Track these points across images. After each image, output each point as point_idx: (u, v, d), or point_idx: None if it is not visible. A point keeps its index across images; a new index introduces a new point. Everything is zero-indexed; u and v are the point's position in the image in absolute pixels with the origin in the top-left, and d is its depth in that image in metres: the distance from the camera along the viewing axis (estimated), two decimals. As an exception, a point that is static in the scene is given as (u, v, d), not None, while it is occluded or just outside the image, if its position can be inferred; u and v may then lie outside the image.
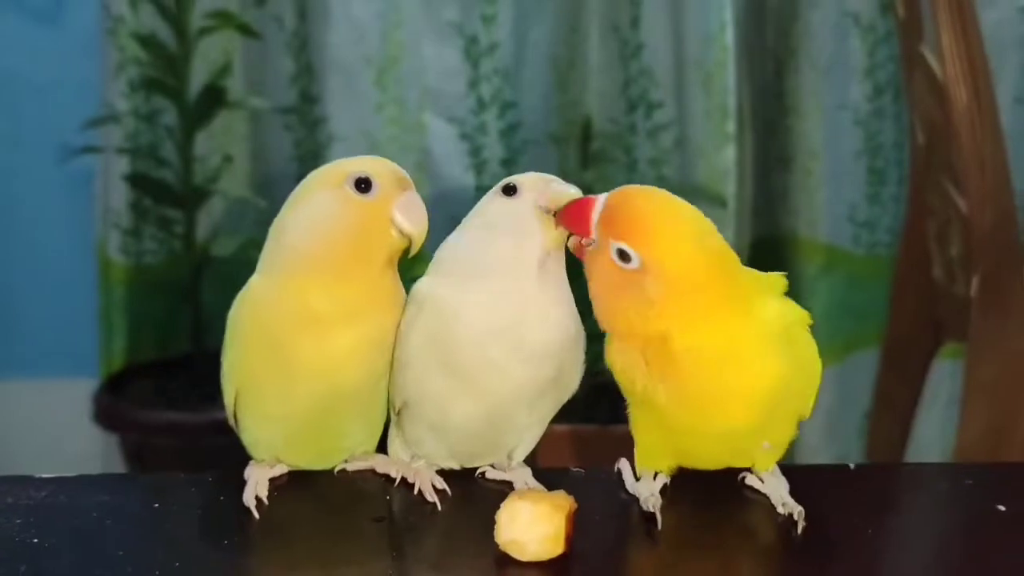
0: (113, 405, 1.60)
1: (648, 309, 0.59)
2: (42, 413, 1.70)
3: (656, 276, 0.59)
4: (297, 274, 0.63)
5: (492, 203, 0.64)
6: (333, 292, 0.63)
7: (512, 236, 0.63)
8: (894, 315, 1.58)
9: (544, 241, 0.63)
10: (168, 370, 1.66)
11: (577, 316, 0.65)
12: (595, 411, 1.51)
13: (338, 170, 0.64)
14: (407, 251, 0.65)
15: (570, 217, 0.62)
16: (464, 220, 0.66)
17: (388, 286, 0.65)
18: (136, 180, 1.64)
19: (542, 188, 0.63)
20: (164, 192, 1.64)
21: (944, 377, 1.65)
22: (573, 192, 0.63)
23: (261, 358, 0.64)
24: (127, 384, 1.65)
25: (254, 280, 0.65)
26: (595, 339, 0.66)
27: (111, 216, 1.68)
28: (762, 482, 0.66)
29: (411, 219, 0.63)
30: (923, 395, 1.57)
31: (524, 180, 0.64)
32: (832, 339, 1.83)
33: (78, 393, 1.64)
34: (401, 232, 0.63)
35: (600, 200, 0.61)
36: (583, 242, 0.62)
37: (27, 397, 1.75)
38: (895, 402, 1.57)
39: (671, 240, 0.60)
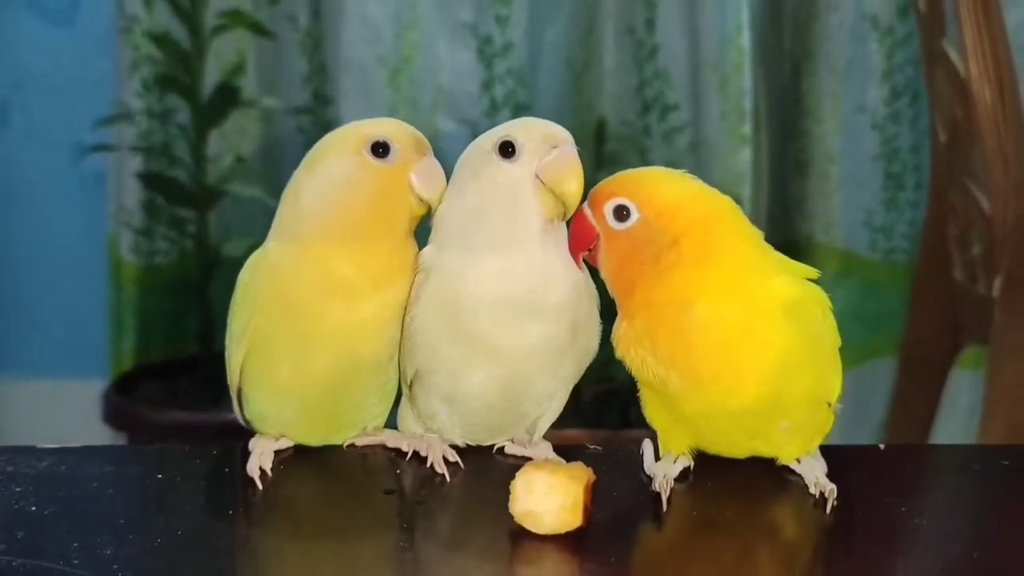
0: (123, 405, 1.59)
1: (657, 264, 0.58)
2: (52, 413, 1.68)
3: (657, 218, 0.59)
4: (318, 240, 0.61)
5: (490, 166, 0.61)
6: (358, 259, 0.61)
7: (513, 208, 0.61)
8: (913, 319, 1.56)
9: (544, 211, 0.61)
10: (178, 370, 1.65)
11: (587, 274, 0.64)
12: (605, 416, 1.51)
13: (355, 134, 0.62)
14: (425, 216, 0.63)
15: (575, 240, 0.62)
16: (458, 174, 0.63)
17: (409, 252, 0.63)
18: (149, 179, 1.64)
19: (542, 155, 0.60)
20: (176, 191, 1.63)
21: (964, 388, 1.62)
22: (570, 155, 0.60)
23: (278, 325, 0.62)
24: (137, 384, 1.64)
25: (270, 246, 0.64)
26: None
27: (123, 215, 1.67)
28: (798, 462, 0.63)
29: (429, 185, 0.62)
30: (941, 405, 1.54)
31: (523, 142, 0.60)
32: (847, 347, 1.80)
33: (88, 393, 1.63)
34: (420, 198, 0.62)
35: (585, 203, 0.61)
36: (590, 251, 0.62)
37: (37, 396, 1.74)
38: (913, 412, 1.54)
39: (662, 183, 0.61)
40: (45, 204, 1.74)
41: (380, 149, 0.61)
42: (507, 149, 0.60)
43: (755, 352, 0.58)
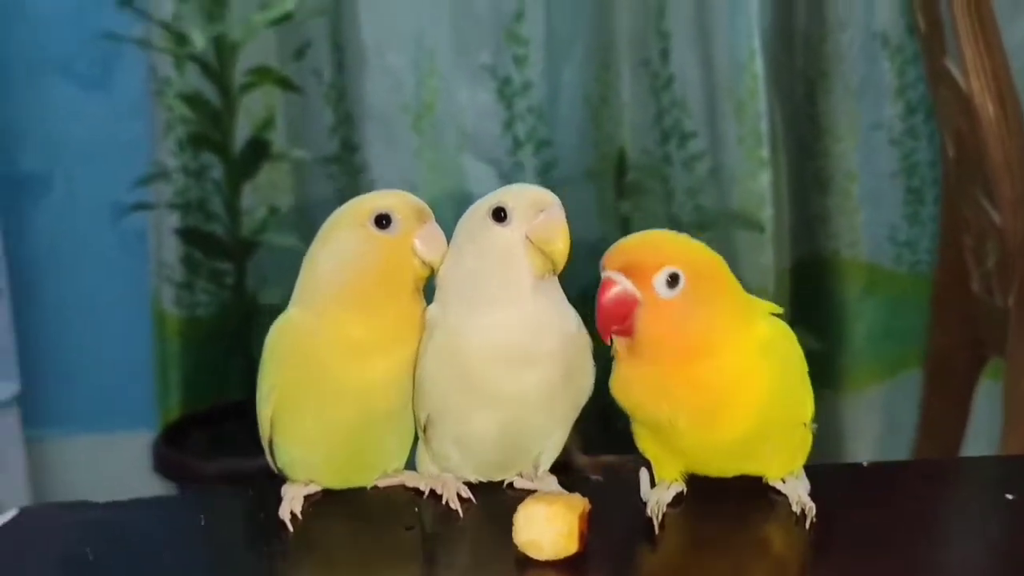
0: (172, 455, 1.64)
1: (694, 327, 0.62)
2: (103, 467, 1.74)
3: (699, 281, 0.62)
4: (332, 305, 0.67)
5: (484, 230, 0.66)
6: (368, 322, 0.67)
7: (506, 267, 0.65)
8: (935, 332, 1.57)
9: (534, 270, 0.65)
10: (224, 417, 1.70)
11: (578, 320, 0.68)
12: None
13: (360, 208, 0.68)
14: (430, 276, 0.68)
15: (612, 314, 0.63)
16: (457, 238, 0.68)
17: (417, 312, 0.68)
18: (187, 234, 1.71)
19: (530, 218, 0.65)
20: (214, 245, 1.70)
21: (992, 400, 1.63)
22: (557, 217, 0.64)
23: (301, 383, 0.68)
24: (185, 434, 1.70)
25: (291, 311, 0.69)
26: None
27: (164, 270, 1.74)
28: (783, 482, 0.67)
29: (431, 249, 0.67)
30: (971, 417, 1.55)
31: (513, 207, 0.65)
32: (878, 361, 1.82)
33: (137, 445, 1.69)
34: (423, 261, 0.67)
35: (618, 278, 0.62)
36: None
37: (88, 451, 1.80)
38: (942, 425, 1.55)
39: (692, 247, 0.65)
40: (89, 264, 1.81)
41: (383, 221, 0.66)
42: (499, 214, 0.65)
43: (748, 391, 0.63)
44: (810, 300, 1.84)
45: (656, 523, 0.64)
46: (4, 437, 1.71)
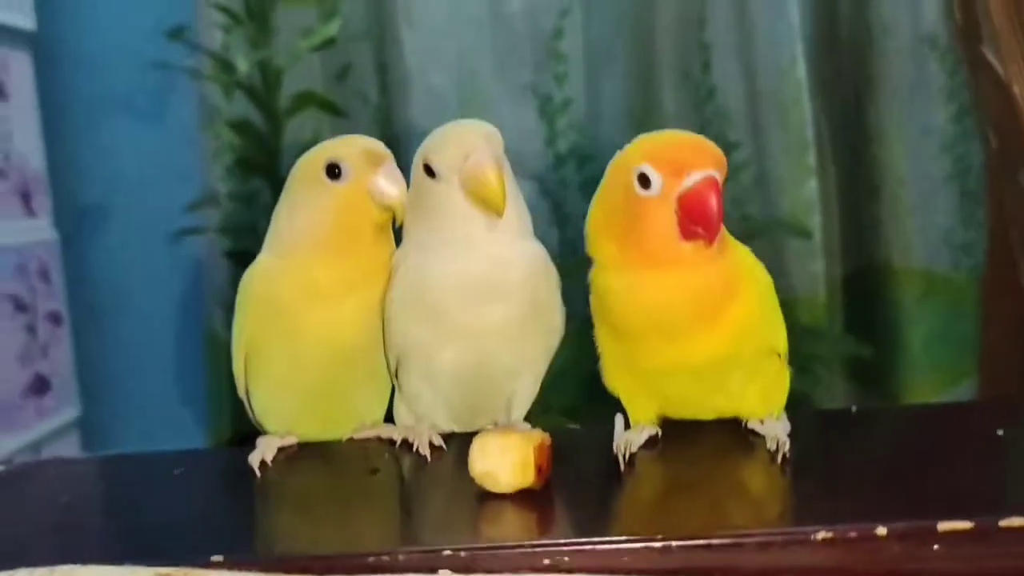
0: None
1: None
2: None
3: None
4: (297, 253, 0.68)
5: (421, 186, 0.66)
6: (331, 267, 0.67)
7: (456, 219, 0.65)
8: (988, 332, 1.51)
9: (484, 218, 0.65)
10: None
11: (545, 255, 0.68)
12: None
13: (312, 160, 0.69)
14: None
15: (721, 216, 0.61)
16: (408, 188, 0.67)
17: (383, 255, 0.69)
18: (237, 257, 1.74)
19: (459, 168, 0.64)
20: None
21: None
22: (487, 166, 0.63)
23: (269, 325, 0.68)
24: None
25: (261, 258, 0.70)
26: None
27: (216, 294, 1.77)
28: (762, 423, 0.66)
29: (386, 193, 0.67)
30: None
31: (437, 160, 0.64)
32: (936, 370, 1.76)
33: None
34: (382, 204, 0.67)
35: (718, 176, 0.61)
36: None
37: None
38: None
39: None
40: (145, 290, 1.86)
41: (335, 171, 0.67)
42: (429, 171, 0.65)
43: (745, 293, 0.63)
44: (863, 309, 1.79)
45: (622, 461, 0.62)
46: (66, 460, 1.75)
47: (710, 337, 0.62)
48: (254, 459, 0.67)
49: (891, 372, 1.76)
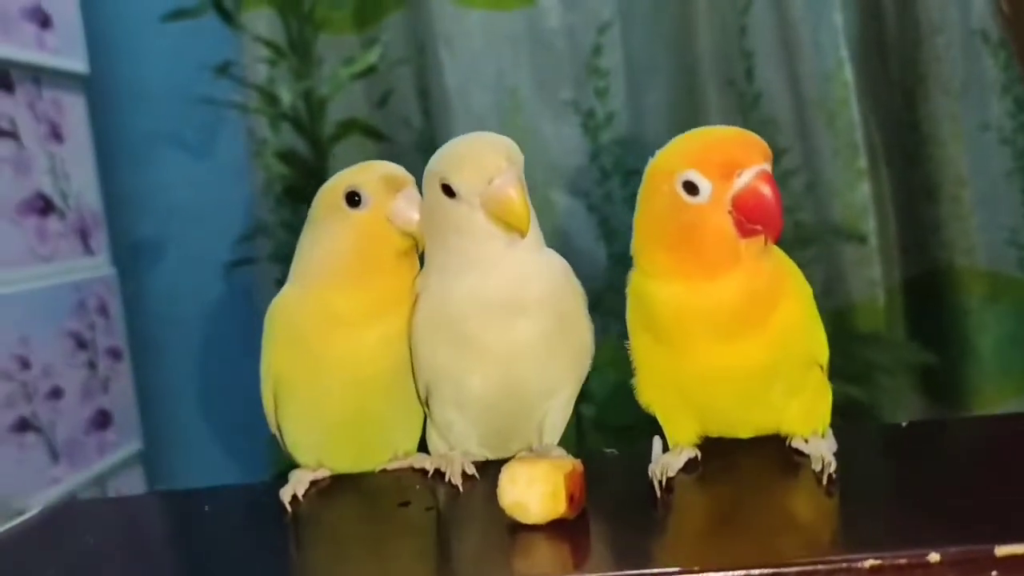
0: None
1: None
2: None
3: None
4: (319, 283, 0.67)
5: (438, 206, 0.64)
6: (354, 295, 0.66)
7: (476, 239, 0.64)
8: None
9: (504, 237, 0.63)
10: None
11: (568, 270, 0.66)
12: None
13: (332, 189, 0.68)
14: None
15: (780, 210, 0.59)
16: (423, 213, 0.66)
17: (407, 280, 0.68)
18: (288, 286, 1.75)
19: (481, 190, 0.62)
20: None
21: None
22: (512, 189, 0.61)
23: (295, 357, 0.68)
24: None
25: (285, 289, 0.70)
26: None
27: (270, 323, 1.79)
28: (806, 442, 0.63)
29: (406, 219, 0.66)
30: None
31: (458, 183, 0.62)
32: (1007, 375, 1.70)
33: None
34: (404, 231, 0.66)
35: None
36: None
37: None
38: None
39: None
40: (202, 321, 1.89)
41: (355, 198, 0.67)
42: (448, 191, 0.63)
43: (790, 297, 0.61)
44: (926, 315, 1.74)
45: (658, 486, 0.60)
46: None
47: (758, 341, 0.60)
48: (285, 494, 0.66)
49: (958, 379, 1.71)
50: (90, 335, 1.73)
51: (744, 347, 0.60)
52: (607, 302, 1.72)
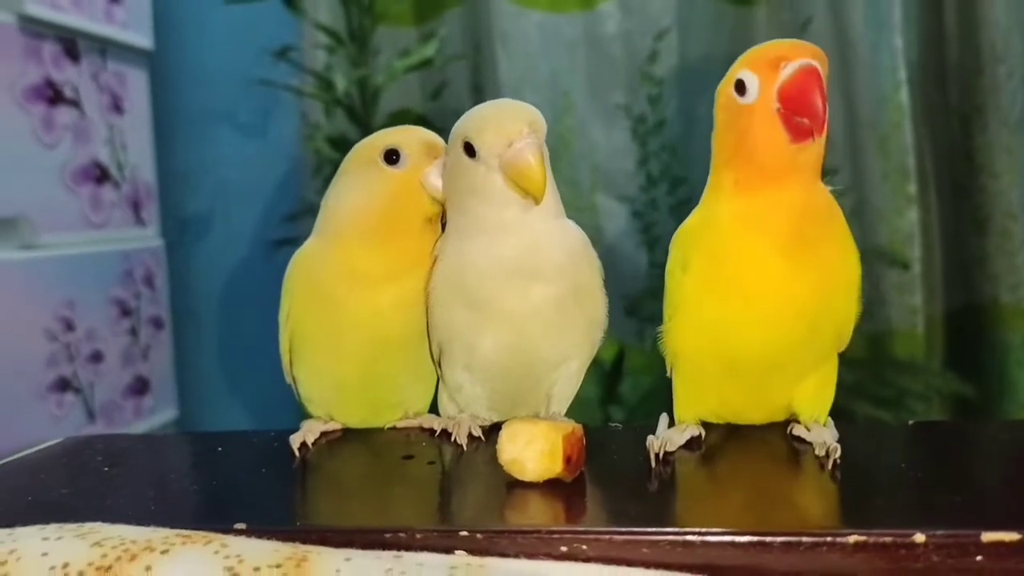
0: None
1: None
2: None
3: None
4: (343, 237, 0.68)
5: (458, 166, 0.65)
6: (376, 253, 0.68)
7: (493, 201, 0.64)
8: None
9: (521, 202, 0.64)
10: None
11: (585, 239, 0.67)
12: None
13: (371, 145, 0.69)
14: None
15: (821, 100, 0.58)
16: (444, 175, 0.67)
17: (429, 245, 0.69)
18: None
19: (501, 152, 0.62)
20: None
21: None
22: (530, 154, 0.62)
23: (312, 310, 0.69)
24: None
25: (309, 242, 0.71)
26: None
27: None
28: (808, 431, 0.63)
29: (438, 185, 0.68)
30: None
31: (479, 143, 0.63)
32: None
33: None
34: (434, 197, 0.68)
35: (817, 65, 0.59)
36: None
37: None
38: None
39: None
40: (243, 296, 1.92)
41: (393, 156, 0.68)
42: (469, 149, 0.64)
43: (840, 233, 0.61)
44: (965, 347, 1.72)
45: (654, 458, 0.61)
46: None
47: (810, 265, 0.59)
48: (295, 440, 0.68)
49: (995, 414, 1.69)
50: (135, 303, 1.77)
51: (797, 268, 0.59)
52: (645, 308, 1.72)
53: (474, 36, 1.81)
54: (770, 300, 0.59)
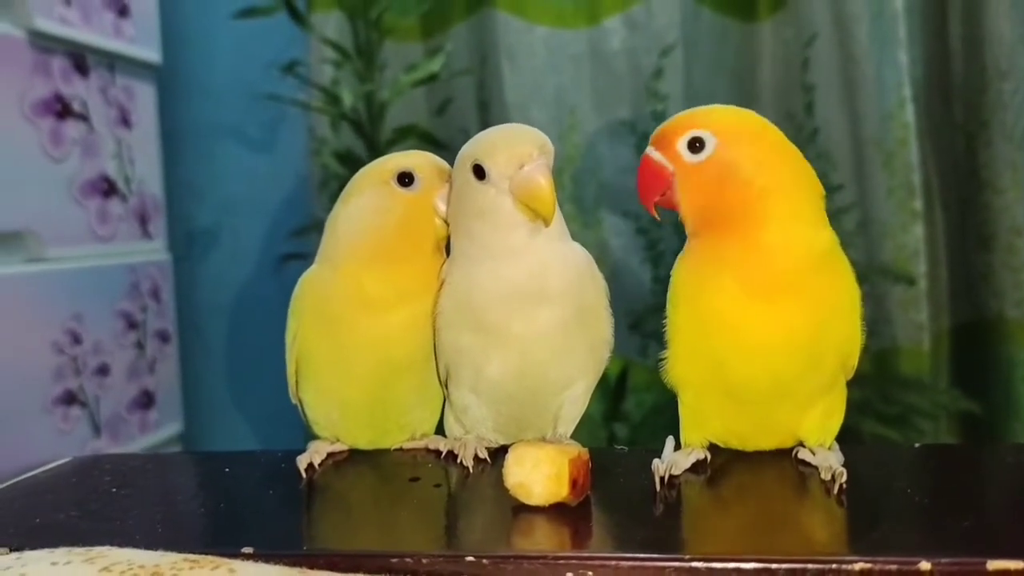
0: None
1: (731, 191, 0.59)
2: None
3: (732, 154, 0.60)
4: (351, 261, 0.69)
5: (468, 189, 0.65)
6: (385, 277, 0.68)
7: (500, 224, 0.65)
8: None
9: (526, 219, 0.64)
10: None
11: (590, 261, 0.67)
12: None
13: (384, 167, 0.69)
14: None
15: (647, 187, 0.62)
16: (451, 197, 0.67)
17: (436, 269, 0.69)
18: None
19: (511, 174, 0.63)
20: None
21: None
22: (535, 172, 0.62)
23: (320, 332, 0.69)
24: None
25: (314, 267, 0.71)
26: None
27: (316, 318, 1.81)
28: (813, 455, 0.63)
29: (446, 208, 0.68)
30: None
31: (490, 165, 0.64)
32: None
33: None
34: (444, 220, 0.68)
35: (650, 152, 0.63)
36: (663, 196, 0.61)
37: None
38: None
39: (739, 116, 0.63)
40: (250, 311, 1.92)
41: (406, 179, 0.68)
42: (479, 171, 0.65)
43: (815, 271, 0.60)
44: (971, 363, 1.72)
45: (659, 482, 0.61)
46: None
47: (797, 306, 0.59)
48: (302, 461, 0.68)
49: (1000, 430, 1.68)
50: (141, 317, 1.77)
51: (780, 306, 0.59)
52: (650, 324, 1.72)
53: (480, 51, 1.82)
54: (757, 335, 0.60)
